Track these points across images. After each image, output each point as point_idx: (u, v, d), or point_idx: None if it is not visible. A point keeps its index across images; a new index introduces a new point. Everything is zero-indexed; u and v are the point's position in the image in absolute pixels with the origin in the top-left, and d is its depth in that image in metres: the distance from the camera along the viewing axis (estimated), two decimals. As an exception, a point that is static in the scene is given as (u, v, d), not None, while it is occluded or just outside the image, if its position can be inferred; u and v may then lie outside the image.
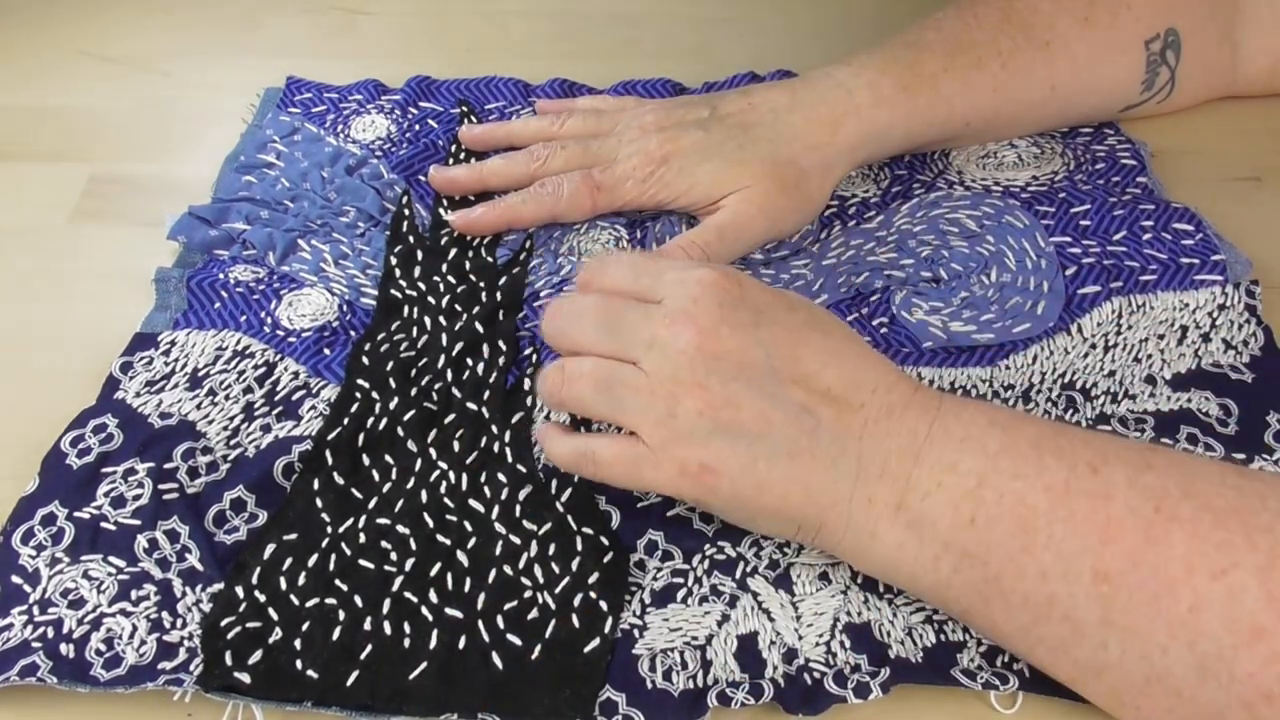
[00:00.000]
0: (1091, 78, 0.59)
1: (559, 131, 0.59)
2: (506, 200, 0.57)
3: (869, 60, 0.57)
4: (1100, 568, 0.36)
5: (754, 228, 0.54)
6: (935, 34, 0.58)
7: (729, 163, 0.54)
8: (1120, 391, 0.49)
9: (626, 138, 0.57)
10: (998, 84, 0.57)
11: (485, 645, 0.41)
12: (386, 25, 0.75)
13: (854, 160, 0.57)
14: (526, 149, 0.59)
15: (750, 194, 0.54)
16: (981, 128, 0.59)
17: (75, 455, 0.46)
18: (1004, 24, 0.57)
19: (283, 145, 0.62)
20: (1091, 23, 0.58)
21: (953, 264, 0.54)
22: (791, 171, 0.54)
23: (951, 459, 0.39)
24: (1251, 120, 0.64)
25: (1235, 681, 0.34)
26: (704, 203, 0.55)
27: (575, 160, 0.57)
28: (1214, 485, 0.36)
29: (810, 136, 0.55)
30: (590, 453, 0.41)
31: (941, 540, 0.38)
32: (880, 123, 0.56)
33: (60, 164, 0.63)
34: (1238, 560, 0.34)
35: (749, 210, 0.54)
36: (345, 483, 0.45)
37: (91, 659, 0.40)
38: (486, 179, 0.58)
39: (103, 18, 0.74)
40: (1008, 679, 0.39)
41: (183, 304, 0.54)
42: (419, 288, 0.54)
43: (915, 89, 0.56)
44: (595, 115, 0.60)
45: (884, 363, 0.42)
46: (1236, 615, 0.34)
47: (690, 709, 0.39)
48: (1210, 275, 0.53)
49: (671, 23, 0.75)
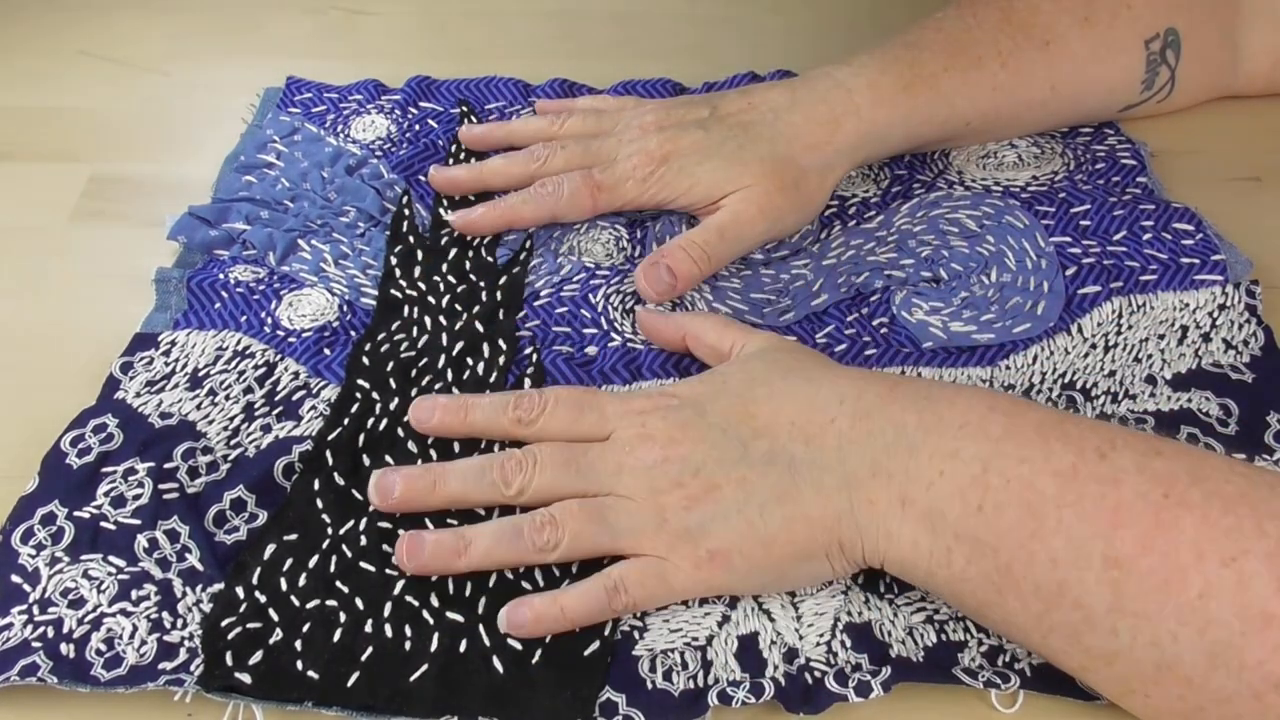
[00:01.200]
0: (1092, 77, 0.59)
1: (559, 131, 0.59)
2: (507, 200, 0.57)
3: (869, 60, 0.57)
4: (1110, 553, 0.36)
5: (754, 227, 0.54)
6: (935, 34, 0.58)
7: (729, 162, 0.54)
8: (1121, 391, 0.49)
9: (627, 137, 0.57)
10: (998, 83, 0.57)
11: (486, 649, 0.41)
12: (386, 25, 0.75)
13: (854, 160, 0.57)
14: (526, 149, 0.59)
15: (750, 193, 0.54)
16: (982, 127, 0.59)
17: (75, 455, 0.46)
18: (1004, 24, 0.57)
19: (283, 145, 0.62)
20: (1091, 22, 0.58)
21: (953, 264, 0.54)
22: (791, 170, 0.54)
23: (952, 446, 0.39)
24: (1251, 120, 0.64)
25: (1245, 669, 0.34)
26: (704, 202, 0.55)
27: (575, 160, 0.57)
28: (1223, 473, 0.37)
29: (810, 136, 0.55)
30: (616, 582, 0.41)
31: (952, 531, 0.38)
32: (880, 122, 0.56)
33: (60, 164, 0.63)
34: (1247, 547, 0.34)
35: (749, 210, 0.54)
36: (345, 483, 0.45)
37: (92, 659, 0.40)
38: (486, 179, 0.58)
39: (103, 18, 0.74)
40: (1009, 678, 0.39)
41: (183, 304, 0.54)
42: (419, 287, 0.54)
43: (916, 88, 0.56)
44: (595, 115, 0.60)
45: (846, 375, 0.43)
46: (1246, 602, 0.34)
47: (690, 708, 0.39)
48: (1210, 275, 0.53)
49: (671, 23, 0.75)
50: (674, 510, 0.41)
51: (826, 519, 0.40)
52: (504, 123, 0.62)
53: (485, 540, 0.42)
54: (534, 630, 0.40)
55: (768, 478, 0.41)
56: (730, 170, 0.54)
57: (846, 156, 0.56)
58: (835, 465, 0.40)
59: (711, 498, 0.41)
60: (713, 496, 0.41)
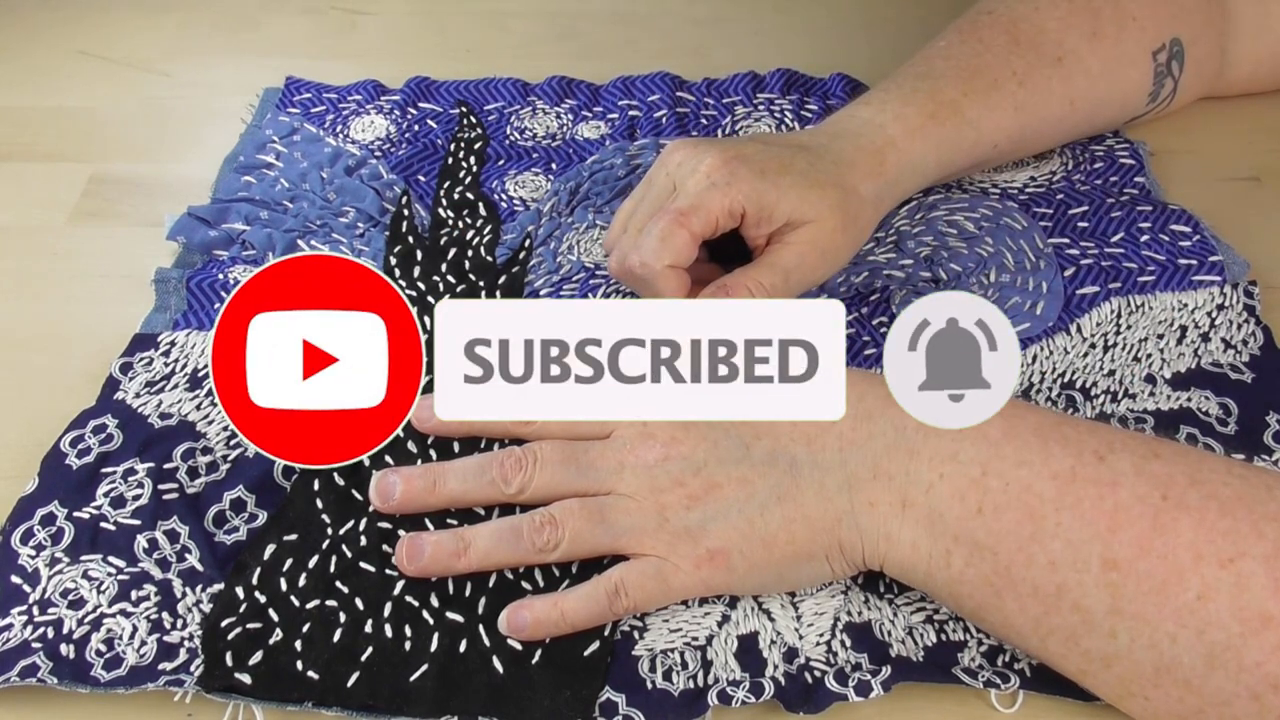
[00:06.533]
0: (1105, 90, 0.59)
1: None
2: None
3: (886, 96, 0.54)
4: (1109, 555, 0.36)
5: (815, 273, 0.51)
6: (945, 62, 0.56)
7: (806, 181, 0.49)
8: (1120, 391, 0.49)
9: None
10: (1018, 103, 0.56)
11: (486, 649, 0.41)
12: (386, 25, 0.75)
13: (896, 195, 0.54)
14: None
15: (818, 233, 0.49)
16: (1009, 149, 0.57)
17: (75, 455, 0.46)
18: (1013, 45, 0.56)
19: (282, 145, 0.62)
20: (1100, 36, 0.57)
21: (952, 264, 0.54)
22: (854, 202, 0.51)
23: (951, 448, 0.39)
24: (1251, 120, 0.64)
25: (1243, 671, 0.34)
26: (780, 221, 0.49)
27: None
28: (1220, 475, 0.37)
29: (864, 165, 0.52)
30: (616, 585, 0.41)
31: (951, 533, 0.38)
32: (916, 153, 0.53)
33: (60, 164, 0.63)
34: (1245, 549, 0.35)
35: (813, 255, 0.50)
36: (345, 483, 0.45)
37: (92, 659, 0.40)
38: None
39: (102, 18, 0.74)
40: (1009, 678, 0.39)
41: (182, 304, 0.54)
42: (419, 287, 0.54)
43: (941, 116, 0.54)
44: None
45: (848, 376, 0.42)
46: (1244, 603, 0.34)
47: (690, 708, 0.39)
48: (1208, 276, 0.53)
49: (671, 23, 0.75)
50: (674, 509, 0.41)
51: (827, 520, 0.40)
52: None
53: (485, 541, 0.42)
54: (534, 633, 0.40)
55: (769, 478, 0.41)
56: (809, 191, 0.49)
57: (892, 189, 0.53)
58: (836, 467, 0.41)
59: (712, 497, 0.41)
60: (713, 495, 0.41)
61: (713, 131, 0.64)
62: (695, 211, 0.48)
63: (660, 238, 0.47)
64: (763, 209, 0.49)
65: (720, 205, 0.48)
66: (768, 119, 0.64)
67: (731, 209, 0.48)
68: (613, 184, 0.59)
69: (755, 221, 0.49)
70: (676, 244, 0.47)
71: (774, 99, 0.66)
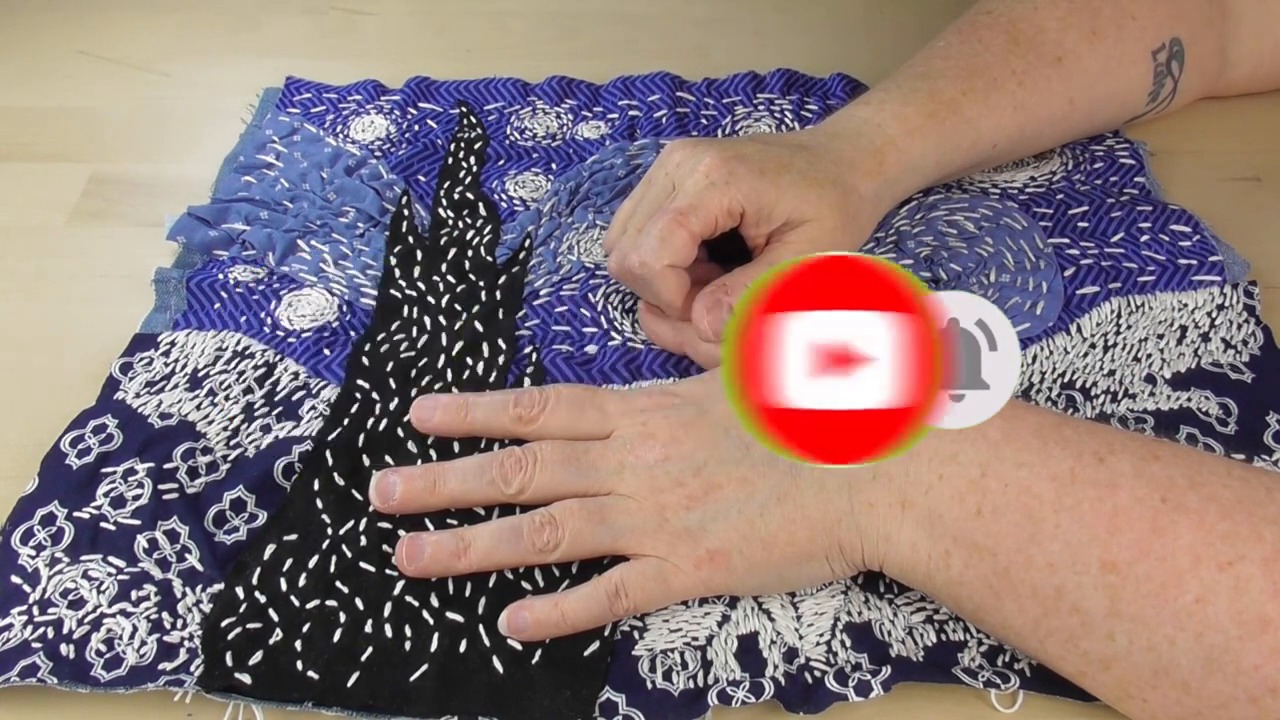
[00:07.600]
0: (1105, 90, 0.59)
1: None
2: None
3: (886, 95, 0.55)
4: (1108, 558, 0.36)
5: None
6: (944, 62, 0.56)
7: (805, 180, 0.50)
8: (1120, 390, 0.49)
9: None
10: (1018, 102, 0.56)
11: (486, 649, 0.41)
12: (386, 25, 0.75)
13: (895, 194, 0.54)
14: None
15: (817, 231, 0.50)
16: (1008, 148, 0.57)
17: (75, 455, 0.46)
18: (1012, 45, 0.56)
19: (282, 145, 0.62)
20: (1100, 35, 0.57)
21: (952, 264, 0.54)
22: (853, 201, 0.51)
23: (950, 450, 0.39)
24: (1250, 120, 0.64)
25: (1241, 674, 0.34)
26: (779, 220, 0.49)
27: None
28: (1220, 477, 0.37)
29: (863, 164, 0.52)
30: (616, 586, 0.41)
31: (951, 535, 0.38)
32: (915, 152, 0.53)
33: (60, 164, 0.63)
34: (1244, 552, 0.35)
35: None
36: (345, 483, 0.45)
37: (92, 659, 0.40)
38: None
39: (102, 18, 0.74)
40: (1009, 678, 0.39)
41: (182, 304, 0.54)
42: (419, 288, 0.54)
43: (940, 115, 0.54)
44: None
45: None
46: (1243, 606, 0.34)
47: (690, 708, 0.39)
48: (1208, 276, 0.53)
49: (671, 23, 0.75)
50: (674, 509, 0.41)
51: (827, 521, 0.40)
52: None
53: (485, 541, 0.42)
54: (534, 634, 0.40)
55: (769, 478, 0.41)
56: (808, 190, 0.49)
57: (892, 188, 0.54)
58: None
59: (712, 497, 0.41)
60: (713, 496, 0.41)
61: (713, 131, 0.64)
62: (694, 211, 0.48)
63: (660, 237, 0.47)
64: (762, 208, 0.49)
65: (719, 205, 0.48)
66: (768, 119, 0.64)
67: (731, 208, 0.48)
68: (613, 184, 0.59)
69: (755, 221, 0.49)
70: (676, 244, 0.47)
71: (774, 99, 0.66)
